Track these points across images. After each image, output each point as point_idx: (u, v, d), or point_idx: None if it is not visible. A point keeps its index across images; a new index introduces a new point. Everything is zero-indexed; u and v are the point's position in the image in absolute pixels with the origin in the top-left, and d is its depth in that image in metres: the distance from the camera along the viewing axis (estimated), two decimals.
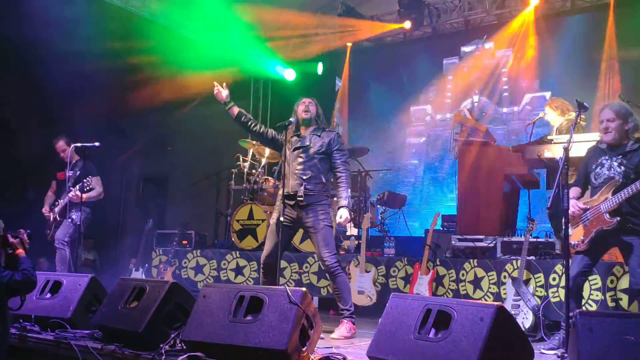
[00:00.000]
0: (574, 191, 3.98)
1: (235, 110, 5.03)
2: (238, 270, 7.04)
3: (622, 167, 3.82)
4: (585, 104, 3.60)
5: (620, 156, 3.87)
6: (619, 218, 3.72)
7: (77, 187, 6.09)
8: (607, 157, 3.94)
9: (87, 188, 6.14)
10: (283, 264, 6.43)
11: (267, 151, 7.66)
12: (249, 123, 5.05)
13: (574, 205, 3.85)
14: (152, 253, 7.62)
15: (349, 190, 4.73)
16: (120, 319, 3.69)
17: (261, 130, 5.04)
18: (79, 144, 6.13)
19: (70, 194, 6.10)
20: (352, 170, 5.76)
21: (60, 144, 6.31)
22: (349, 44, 9.93)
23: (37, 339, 3.88)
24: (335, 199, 4.95)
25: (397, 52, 9.91)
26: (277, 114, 10.21)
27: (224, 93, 5.01)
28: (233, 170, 7.86)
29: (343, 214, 4.65)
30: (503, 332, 2.65)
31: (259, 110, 10.85)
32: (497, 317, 2.63)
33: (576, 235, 3.93)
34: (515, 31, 8.89)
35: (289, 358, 3.01)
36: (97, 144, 5.81)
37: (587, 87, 7.71)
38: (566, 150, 3.49)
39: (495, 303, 2.73)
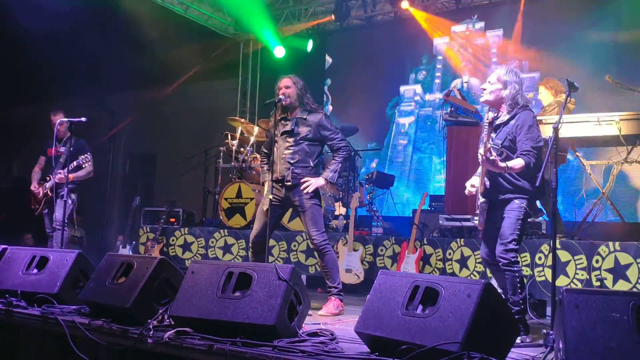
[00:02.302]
0: None
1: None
2: (226, 249, 7.04)
3: None
4: (575, 83, 3.59)
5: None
6: None
7: (74, 163, 6.04)
8: None
9: (85, 165, 6.12)
10: (271, 242, 6.45)
11: (256, 129, 7.63)
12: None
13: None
14: (139, 230, 7.59)
15: (340, 166, 4.72)
16: (107, 295, 3.67)
17: (267, 152, 4.95)
18: (65, 119, 6.06)
19: (57, 176, 6.05)
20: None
21: (59, 117, 6.20)
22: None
23: (24, 314, 3.85)
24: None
25: (387, 30, 9.84)
26: (266, 89, 10.15)
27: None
28: (221, 148, 7.82)
29: (315, 180, 4.61)
30: (490, 309, 2.67)
31: (247, 86, 10.77)
32: (484, 294, 2.64)
33: None
34: (505, 11, 8.86)
35: (278, 333, 3.02)
36: (83, 119, 5.74)
37: (576, 69, 7.72)
38: (556, 130, 3.49)
39: (483, 280, 2.75)
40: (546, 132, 5.13)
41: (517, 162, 3.60)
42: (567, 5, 8.34)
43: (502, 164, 3.56)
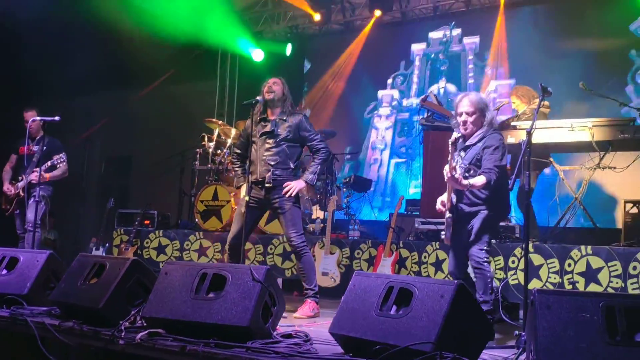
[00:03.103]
0: None
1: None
2: (201, 251, 6.98)
3: None
4: (549, 88, 3.65)
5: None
6: None
7: (49, 163, 5.94)
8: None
9: (60, 165, 6.03)
10: (248, 245, 6.41)
11: (233, 131, 7.58)
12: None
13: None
14: (113, 232, 7.49)
15: (319, 168, 4.72)
16: (79, 296, 3.62)
17: (242, 149, 4.93)
18: (38, 118, 5.96)
19: (31, 175, 5.93)
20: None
21: (32, 114, 6.09)
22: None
23: None
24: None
25: (365, 35, 9.88)
26: (244, 91, 10.13)
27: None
28: (198, 150, 7.76)
29: (296, 183, 4.60)
30: (463, 310, 2.69)
31: (225, 90, 10.72)
32: (457, 295, 2.66)
33: None
34: (482, 19, 8.97)
35: (251, 334, 3.00)
36: (57, 117, 5.65)
37: (551, 76, 7.84)
38: (529, 133, 3.54)
39: (456, 281, 2.77)
40: (520, 137, 5.21)
41: (479, 180, 3.81)
42: (542, 13, 8.47)
43: (465, 182, 3.78)
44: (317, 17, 9.54)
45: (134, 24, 8.34)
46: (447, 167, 3.77)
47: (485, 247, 3.81)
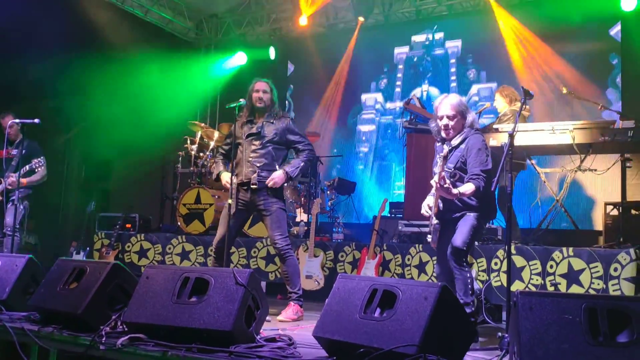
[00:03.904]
0: None
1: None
2: (184, 255, 6.92)
3: None
4: (531, 92, 3.68)
5: None
6: None
7: (27, 167, 5.85)
8: None
9: (39, 169, 5.94)
10: (231, 249, 6.37)
11: (216, 134, 7.55)
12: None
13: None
14: (94, 236, 7.40)
15: (302, 165, 4.70)
16: (58, 301, 3.56)
17: (227, 149, 4.91)
18: (17, 120, 5.88)
19: (8, 180, 5.85)
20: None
21: (8, 119, 6.00)
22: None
23: None
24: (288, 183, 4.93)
25: (349, 38, 9.90)
26: (227, 94, 10.09)
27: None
28: (180, 153, 7.71)
29: (276, 174, 4.58)
30: (446, 311, 2.69)
31: (207, 94, 10.67)
32: (441, 297, 2.66)
33: None
34: (464, 22, 9.03)
35: (235, 339, 2.98)
36: (36, 120, 5.57)
37: (531, 80, 7.92)
38: (511, 136, 3.56)
39: (439, 283, 2.77)
40: (502, 139, 5.24)
41: (468, 187, 3.79)
42: (525, 17, 8.54)
43: (455, 191, 3.76)
44: (302, 20, 9.51)
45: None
46: (436, 177, 3.75)
47: (464, 249, 3.80)
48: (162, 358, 2.93)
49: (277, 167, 4.68)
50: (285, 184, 5.89)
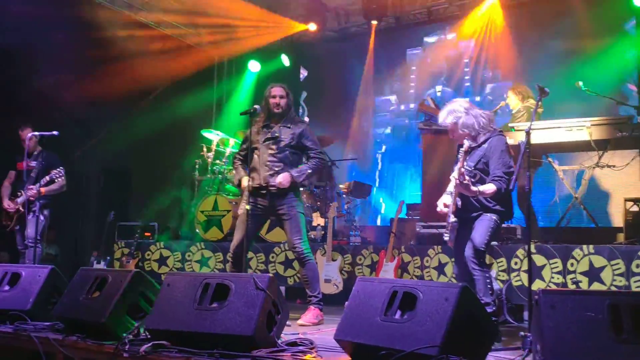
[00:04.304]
0: None
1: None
2: (203, 262, 6.97)
3: None
4: (546, 89, 3.66)
5: None
6: None
7: (47, 178, 5.94)
8: None
9: (58, 179, 6.02)
10: (249, 254, 6.40)
11: (232, 141, 7.60)
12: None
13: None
14: (114, 245, 7.48)
15: (309, 171, 4.70)
16: (82, 310, 3.60)
17: (243, 154, 4.91)
18: (37, 133, 5.97)
19: (29, 192, 5.93)
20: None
21: (27, 131, 6.09)
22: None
23: None
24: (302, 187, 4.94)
25: (361, 42, 9.92)
26: (242, 101, 10.16)
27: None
28: (197, 161, 7.77)
29: (282, 176, 4.57)
30: (468, 312, 2.68)
31: (222, 98, 10.75)
32: (461, 297, 2.65)
33: None
34: (477, 22, 9.00)
35: (256, 343, 2.99)
36: (55, 132, 5.66)
37: (547, 77, 7.85)
38: (528, 133, 3.55)
39: (460, 283, 2.76)
40: (519, 138, 5.21)
41: (489, 187, 3.75)
42: (537, 14, 8.49)
43: (474, 188, 3.72)
44: (312, 27, 9.57)
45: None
46: (455, 173, 3.73)
47: (482, 249, 3.77)
48: None
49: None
50: (302, 189, 5.91)
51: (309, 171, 4.70)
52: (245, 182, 4.68)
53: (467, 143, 3.80)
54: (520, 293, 5.03)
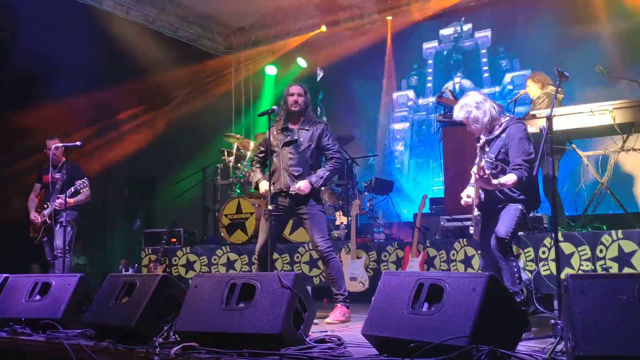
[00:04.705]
0: None
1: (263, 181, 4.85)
2: (229, 265, 7.01)
3: None
4: (565, 73, 3.60)
5: None
6: None
7: (72, 189, 6.03)
8: None
9: (83, 190, 6.11)
10: (274, 255, 6.41)
11: (252, 144, 7.63)
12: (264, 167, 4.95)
13: None
14: (141, 253, 7.56)
15: (328, 174, 4.69)
16: (112, 315, 3.65)
17: (262, 156, 4.94)
18: (61, 144, 6.07)
19: (57, 202, 6.02)
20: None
21: (55, 141, 6.20)
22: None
23: (29, 341, 3.82)
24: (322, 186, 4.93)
25: (376, 39, 9.89)
26: (260, 104, 10.20)
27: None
28: (218, 165, 7.82)
29: (302, 184, 4.58)
30: (496, 301, 2.65)
31: (241, 102, 10.80)
32: (489, 286, 2.62)
33: None
34: (493, 11, 8.91)
35: (284, 341, 2.99)
36: (78, 143, 5.74)
37: (566, 63, 7.74)
38: (549, 118, 3.49)
39: (487, 272, 2.73)
40: (540, 125, 5.13)
41: (510, 178, 3.72)
42: (555, 1, 8.38)
43: (495, 181, 3.71)
44: (323, 28, 9.60)
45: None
46: (475, 168, 3.71)
47: (508, 239, 3.74)
48: None
49: (313, 173, 4.70)
50: (322, 188, 5.90)
51: (328, 174, 4.68)
52: (263, 185, 4.70)
53: (483, 138, 3.78)
54: (550, 282, 4.96)
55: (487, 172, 3.69)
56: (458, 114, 3.99)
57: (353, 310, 4.73)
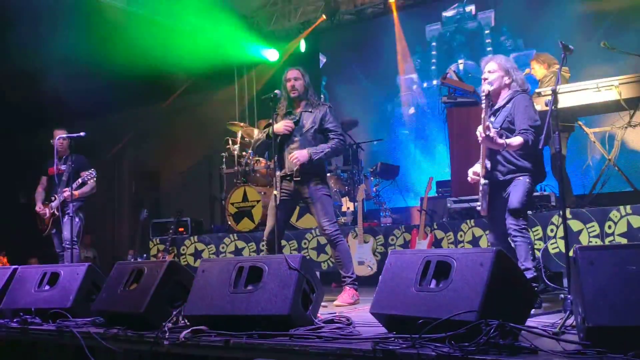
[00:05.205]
0: None
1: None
2: (237, 253, 7.03)
3: None
4: (570, 46, 3.57)
5: None
6: None
7: (79, 180, 6.05)
8: None
9: (90, 181, 6.12)
10: (282, 242, 6.42)
11: (256, 132, 7.60)
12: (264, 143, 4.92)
13: None
14: (149, 243, 7.59)
15: (328, 150, 4.63)
16: (120, 302, 3.65)
17: (265, 136, 4.88)
18: (65, 135, 6.07)
19: (64, 194, 6.04)
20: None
21: (62, 132, 6.20)
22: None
23: (39, 331, 3.84)
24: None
25: (378, 22, 9.82)
26: (263, 93, 10.13)
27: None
28: (223, 154, 7.81)
29: (299, 152, 4.54)
30: (504, 276, 2.63)
31: (244, 91, 10.77)
32: (496, 261, 2.60)
33: None
34: None
35: (293, 322, 2.99)
36: (82, 133, 5.75)
37: (571, 40, 7.65)
38: (554, 92, 3.46)
39: (494, 247, 2.71)
40: (547, 100, 5.09)
41: (516, 140, 3.72)
42: None
43: (501, 141, 3.70)
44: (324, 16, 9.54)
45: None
46: (480, 128, 3.68)
47: (522, 214, 3.72)
48: (225, 347, 2.98)
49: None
50: (328, 174, 5.86)
51: (328, 150, 4.63)
52: (275, 126, 4.62)
53: (487, 87, 3.76)
54: (559, 260, 4.94)
55: (493, 130, 3.66)
56: (496, 61, 3.95)
57: (361, 293, 4.73)
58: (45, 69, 7.84)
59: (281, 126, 4.64)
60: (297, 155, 4.54)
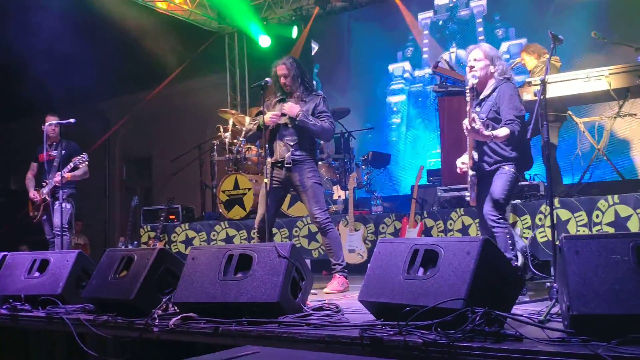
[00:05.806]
0: None
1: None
2: (228, 240, 7.03)
3: None
4: (560, 36, 3.58)
5: None
6: None
7: (71, 164, 6.02)
8: None
9: (81, 165, 6.09)
10: (273, 230, 6.43)
11: (247, 119, 7.60)
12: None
13: None
14: (140, 230, 7.58)
15: (318, 123, 4.60)
16: (110, 289, 3.66)
17: (256, 128, 4.86)
18: (54, 121, 6.04)
19: (56, 179, 6.01)
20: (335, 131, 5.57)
21: (54, 118, 6.16)
22: None
23: (29, 317, 3.86)
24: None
25: (371, 10, 9.79)
26: (255, 80, 10.10)
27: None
28: (215, 141, 7.80)
29: (291, 105, 4.55)
30: (491, 264, 2.66)
31: (236, 78, 10.73)
32: (483, 250, 2.63)
33: None
34: None
35: (282, 310, 3.02)
36: (72, 120, 5.72)
37: (561, 31, 7.67)
38: (543, 82, 3.48)
39: (481, 236, 2.73)
40: (536, 89, 5.11)
41: (502, 131, 3.72)
42: None
43: (487, 133, 3.71)
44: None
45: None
46: (466, 120, 3.69)
47: (501, 204, 3.75)
48: (214, 334, 3.00)
49: (309, 144, 4.70)
50: (320, 162, 5.86)
51: (318, 123, 4.61)
52: (264, 117, 4.60)
53: (472, 79, 3.75)
54: (547, 249, 4.99)
55: (479, 122, 3.67)
56: (482, 49, 3.92)
57: (351, 281, 4.76)
58: (33, 55, 7.80)
59: (268, 117, 4.63)
60: (288, 107, 4.55)
